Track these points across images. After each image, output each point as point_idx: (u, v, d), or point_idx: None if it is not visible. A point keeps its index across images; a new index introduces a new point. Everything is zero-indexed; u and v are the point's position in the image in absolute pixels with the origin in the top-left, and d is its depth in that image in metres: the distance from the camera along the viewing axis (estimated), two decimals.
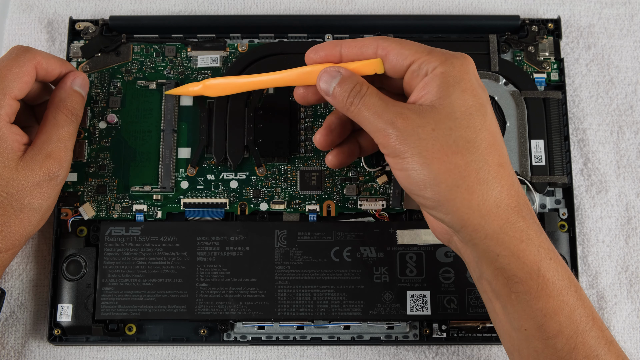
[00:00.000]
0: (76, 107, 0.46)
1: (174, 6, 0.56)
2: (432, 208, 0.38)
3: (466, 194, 0.36)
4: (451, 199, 0.36)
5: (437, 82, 0.37)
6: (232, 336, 0.49)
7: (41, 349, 0.49)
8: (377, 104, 0.38)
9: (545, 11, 0.56)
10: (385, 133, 0.37)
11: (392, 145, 0.37)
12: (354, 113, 0.39)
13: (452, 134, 0.36)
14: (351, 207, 0.50)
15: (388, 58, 0.39)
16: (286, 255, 0.48)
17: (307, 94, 0.43)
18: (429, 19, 0.54)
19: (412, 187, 0.38)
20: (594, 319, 0.37)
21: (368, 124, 0.38)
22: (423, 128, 0.36)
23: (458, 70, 0.37)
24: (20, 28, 0.55)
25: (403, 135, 0.36)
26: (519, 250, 0.36)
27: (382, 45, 0.39)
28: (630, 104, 0.54)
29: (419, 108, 0.37)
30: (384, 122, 0.37)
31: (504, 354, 0.50)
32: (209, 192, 0.51)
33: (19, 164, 0.43)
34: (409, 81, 0.39)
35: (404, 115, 0.37)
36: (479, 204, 0.36)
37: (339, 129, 0.44)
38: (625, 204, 0.52)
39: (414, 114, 0.37)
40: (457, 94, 0.37)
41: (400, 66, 0.39)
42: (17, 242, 0.44)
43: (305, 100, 0.43)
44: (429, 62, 0.38)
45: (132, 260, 0.48)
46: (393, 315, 0.47)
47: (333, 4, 0.56)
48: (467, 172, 0.36)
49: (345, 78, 0.39)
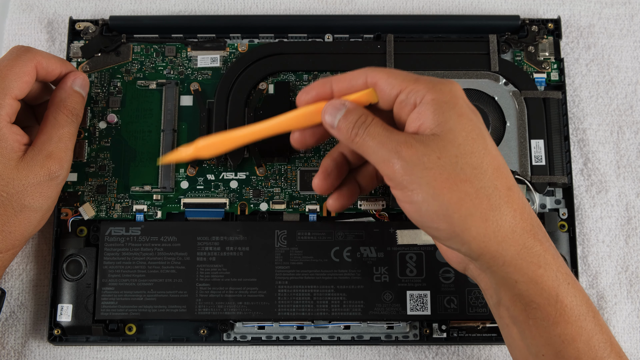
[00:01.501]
0: (76, 107, 0.46)
1: (174, 6, 0.56)
2: (447, 239, 0.37)
3: (481, 223, 0.35)
4: (466, 229, 0.35)
5: (430, 109, 0.36)
6: (232, 336, 0.49)
7: (41, 349, 0.49)
8: (382, 134, 0.37)
9: (545, 11, 0.56)
10: (390, 163, 0.36)
11: (398, 175, 0.36)
12: (359, 144, 0.38)
13: (458, 162, 0.35)
14: (351, 207, 0.50)
15: (377, 88, 0.39)
16: (286, 255, 0.48)
17: (304, 137, 0.42)
18: (429, 19, 0.54)
19: (424, 220, 0.37)
20: (612, 345, 0.36)
21: (373, 154, 0.37)
22: (428, 157, 0.35)
23: (448, 95, 0.37)
24: (20, 28, 0.55)
25: (409, 165, 0.36)
26: (537, 276, 0.36)
27: (371, 75, 0.39)
28: (630, 104, 0.54)
29: (422, 137, 0.36)
30: (388, 151, 0.36)
31: (504, 353, 0.50)
32: (209, 192, 0.51)
33: (19, 164, 0.43)
34: (398, 112, 0.38)
35: (408, 144, 0.36)
36: (495, 231, 0.35)
37: (336, 171, 0.43)
38: (625, 204, 0.52)
39: (418, 142, 0.36)
40: (454, 120, 0.36)
41: (388, 96, 0.38)
42: (18, 242, 0.44)
43: (303, 144, 0.42)
44: (416, 91, 0.37)
45: (132, 260, 0.48)
46: (393, 315, 0.47)
47: (333, 4, 0.56)
48: (478, 199, 0.35)
49: (350, 110, 0.39)
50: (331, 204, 0.44)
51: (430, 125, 0.36)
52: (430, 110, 0.36)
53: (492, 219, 0.35)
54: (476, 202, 0.35)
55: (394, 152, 0.36)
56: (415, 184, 0.36)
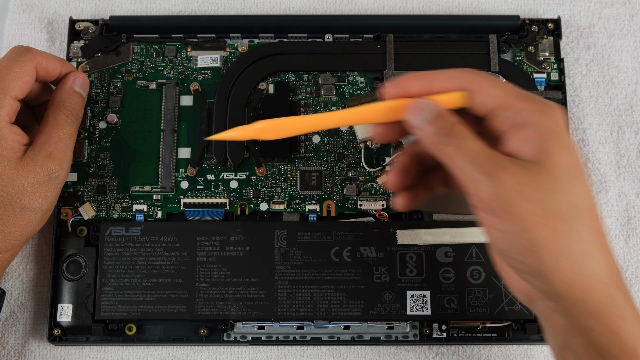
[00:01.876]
0: (76, 108, 0.46)
1: (174, 6, 0.56)
2: (527, 274, 0.35)
3: (569, 266, 0.33)
4: (553, 269, 0.33)
5: (537, 135, 0.34)
6: (232, 336, 0.49)
7: (41, 349, 0.49)
8: (476, 150, 0.34)
9: (545, 11, 0.56)
10: (482, 185, 0.33)
11: (489, 200, 0.33)
12: (443, 153, 0.35)
13: (556, 197, 0.33)
14: (351, 207, 0.50)
15: (475, 94, 0.36)
16: (286, 255, 0.48)
17: (387, 132, 0.39)
18: (429, 19, 0.54)
19: (508, 250, 0.35)
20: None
21: (460, 171, 0.34)
22: (527, 187, 0.33)
23: (556, 123, 0.34)
24: (20, 28, 0.55)
25: (505, 192, 0.33)
26: (618, 328, 0.34)
27: (470, 79, 0.36)
28: (630, 104, 0.54)
29: (522, 163, 0.34)
30: (482, 173, 0.33)
31: (504, 354, 0.50)
32: (209, 192, 0.51)
33: (19, 164, 0.43)
34: (496, 125, 0.36)
35: (507, 169, 0.33)
36: (582, 277, 0.33)
37: (412, 170, 0.40)
38: (625, 204, 0.52)
39: (519, 168, 0.33)
40: (558, 152, 0.34)
41: (485, 106, 0.36)
42: (17, 242, 0.44)
43: (385, 138, 0.39)
44: (524, 111, 0.34)
45: (132, 260, 0.48)
46: (393, 315, 0.47)
47: (333, 4, 0.56)
48: (570, 241, 0.33)
49: (439, 115, 0.36)
50: (400, 203, 0.41)
51: (533, 152, 0.34)
52: (536, 137, 0.34)
53: (582, 264, 0.33)
54: (568, 243, 0.33)
55: (488, 174, 0.33)
56: (507, 213, 0.33)
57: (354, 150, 0.51)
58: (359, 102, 0.51)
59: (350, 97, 0.52)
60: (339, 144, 0.51)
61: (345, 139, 0.51)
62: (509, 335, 0.49)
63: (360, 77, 0.53)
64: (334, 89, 0.52)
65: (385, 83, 0.38)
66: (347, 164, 0.51)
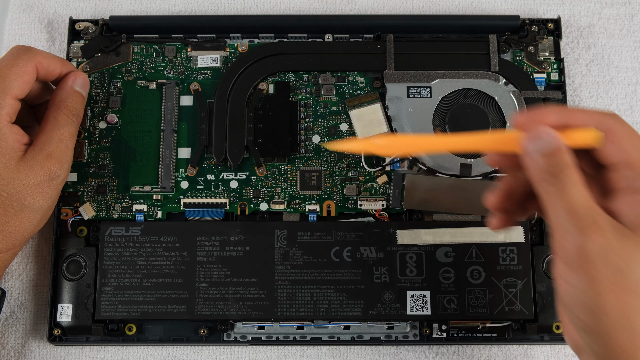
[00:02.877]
0: (77, 107, 0.46)
1: (174, 6, 0.56)
2: (582, 331, 0.34)
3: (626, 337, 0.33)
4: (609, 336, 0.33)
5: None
6: (232, 336, 0.49)
7: (41, 349, 0.49)
8: (577, 201, 0.33)
9: (545, 11, 0.56)
10: (569, 237, 0.32)
11: (571, 253, 0.33)
12: (544, 192, 0.34)
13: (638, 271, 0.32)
14: (351, 207, 0.50)
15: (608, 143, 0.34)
16: (286, 255, 0.48)
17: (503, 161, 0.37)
18: (429, 19, 0.54)
19: (571, 304, 0.34)
20: None
21: (553, 215, 0.33)
22: (613, 253, 0.32)
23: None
24: (20, 28, 0.55)
25: (589, 251, 0.32)
26: None
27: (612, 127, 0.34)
28: (630, 104, 0.54)
29: (618, 227, 0.33)
30: (575, 225, 0.32)
31: (504, 354, 0.50)
32: (209, 192, 0.51)
33: (19, 164, 0.43)
34: (614, 180, 0.35)
35: (600, 229, 0.32)
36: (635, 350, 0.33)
37: (516, 195, 0.38)
38: None
39: (613, 232, 0.32)
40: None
41: (614, 157, 0.34)
42: (18, 242, 0.44)
43: (498, 165, 0.38)
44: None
45: (132, 260, 0.48)
46: (393, 315, 0.47)
47: (333, 4, 0.56)
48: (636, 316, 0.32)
49: (555, 150, 0.34)
50: (495, 224, 0.39)
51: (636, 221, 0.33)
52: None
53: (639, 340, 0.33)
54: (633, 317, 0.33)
55: (580, 229, 0.32)
56: (583, 271, 0.32)
57: None
58: (359, 102, 0.52)
59: (350, 97, 0.52)
60: None
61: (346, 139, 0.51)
62: (509, 335, 0.49)
63: (360, 77, 0.53)
64: (334, 89, 0.52)
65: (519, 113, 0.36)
66: (347, 164, 0.51)
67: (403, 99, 0.51)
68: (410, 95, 0.51)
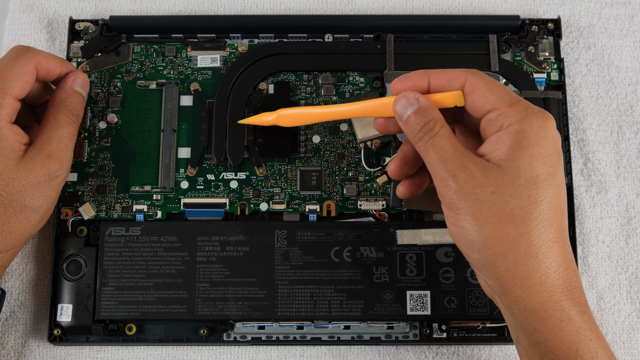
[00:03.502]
0: (77, 107, 0.46)
1: (174, 6, 0.56)
2: (477, 269, 0.38)
3: (511, 265, 0.35)
4: (496, 267, 0.35)
5: (509, 140, 0.35)
6: (232, 336, 0.49)
7: (41, 349, 0.49)
8: (445, 149, 0.36)
9: (545, 11, 0.56)
10: (445, 183, 0.36)
11: (449, 197, 0.36)
12: (421, 149, 0.37)
13: (511, 202, 0.35)
14: (351, 207, 0.50)
15: (471, 96, 0.38)
16: (286, 255, 0.48)
17: (388, 124, 0.42)
18: (429, 19, 0.54)
19: (460, 245, 0.37)
20: None
21: (431, 166, 0.37)
22: (483, 188, 0.35)
23: (535, 131, 0.35)
24: (20, 28, 0.55)
25: (462, 191, 0.35)
26: (557, 329, 0.35)
27: (471, 81, 0.38)
28: (630, 104, 0.54)
29: (485, 165, 0.36)
30: (446, 171, 0.36)
31: (504, 353, 0.50)
32: (209, 192, 0.51)
33: (19, 164, 0.43)
34: (484, 127, 0.37)
35: (467, 170, 0.35)
36: (523, 277, 0.35)
37: (414, 160, 0.41)
38: (625, 204, 0.52)
39: (479, 170, 0.35)
40: (526, 159, 0.35)
41: (480, 108, 0.37)
42: (18, 242, 0.44)
43: (385, 130, 0.42)
44: (507, 115, 0.36)
45: (132, 260, 0.48)
46: (393, 315, 0.47)
47: (333, 4, 0.56)
48: (517, 243, 0.35)
49: (422, 109, 0.38)
50: (401, 191, 0.43)
51: (500, 156, 0.36)
52: (508, 141, 0.35)
53: (524, 265, 0.35)
54: (513, 246, 0.35)
55: (451, 173, 0.36)
56: (462, 210, 0.36)
57: (354, 150, 0.51)
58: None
59: (350, 97, 0.52)
60: (339, 144, 0.51)
61: (345, 139, 0.51)
62: (509, 335, 0.49)
63: (360, 77, 0.53)
64: (334, 89, 0.52)
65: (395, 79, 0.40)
66: (347, 164, 0.51)
67: None
68: None
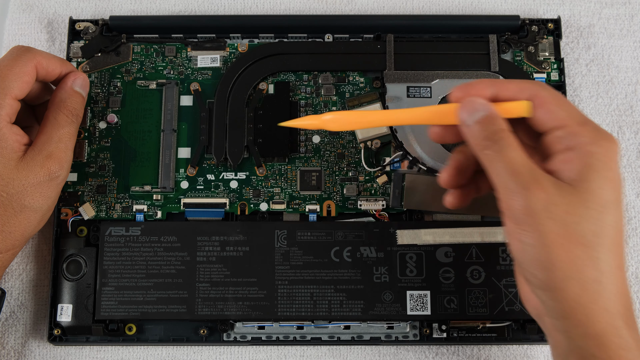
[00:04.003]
0: (77, 108, 0.46)
1: (174, 6, 0.56)
2: (538, 288, 0.36)
3: (578, 289, 0.34)
4: (561, 289, 0.34)
5: (582, 161, 0.35)
6: (232, 336, 0.49)
7: (41, 349, 0.49)
8: (516, 161, 0.35)
9: (545, 11, 0.56)
10: (514, 196, 0.34)
11: (517, 211, 0.34)
12: (485, 158, 0.36)
13: (582, 223, 0.34)
14: (351, 207, 0.50)
15: (539, 110, 0.36)
16: (286, 255, 0.48)
17: (445, 133, 0.40)
18: (429, 19, 0.54)
19: (524, 262, 0.35)
20: None
21: (497, 177, 0.35)
22: (556, 207, 0.34)
23: (605, 154, 0.35)
24: (20, 28, 0.55)
25: (534, 206, 0.34)
26: (616, 356, 0.34)
27: (540, 94, 0.37)
28: (630, 104, 0.54)
29: (558, 183, 0.35)
30: (517, 184, 0.34)
31: (504, 354, 0.50)
32: (209, 192, 0.51)
33: (19, 164, 0.43)
34: (550, 143, 0.36)
35: (541, 186, 0.34)
36: (588, 302, 0.34)
37: (468, 170, 0.40)
38: (625, 204, 0.52)
39: (553, 187, 0.34)
40: (599, 182, 0.34)
41: (546, 122, 0.36)
42: (18, 242, 0.44)
43: (441, 139, 0.40)
44: (577, 135, 0.35)
45: (132, 260, 0.48)
46: (393, 315, 0.47)
47: (333, 4, 0.56)
48: (585, 267, 0.34)
49: (490, 117, 0.36)
50: (450, 201, 0.41)
51: (572, 176, 0.35)
52: (581, 162, 0.35)
53: (590, 291, 0.34)
54: (582, 269, 0.34)
55: (523, 186, 0.34)
56: (531, 227, 0.34)
57: (354, 150, 0.51)
58: (359, 102, 0.52)
59: (350, 97, 0.52)
60: (339, 144, 0.51)
61: (345, 139, 0.51)
62: (509, 335, 0.49)
63: (360, 77, 0.53)
64: (334, 89, 0.52)
65: (455, 87, 0.38)
66: (347, 164, 0.51)
67: (403, 99, 0.51)
68: (410, 95, 0.51)
